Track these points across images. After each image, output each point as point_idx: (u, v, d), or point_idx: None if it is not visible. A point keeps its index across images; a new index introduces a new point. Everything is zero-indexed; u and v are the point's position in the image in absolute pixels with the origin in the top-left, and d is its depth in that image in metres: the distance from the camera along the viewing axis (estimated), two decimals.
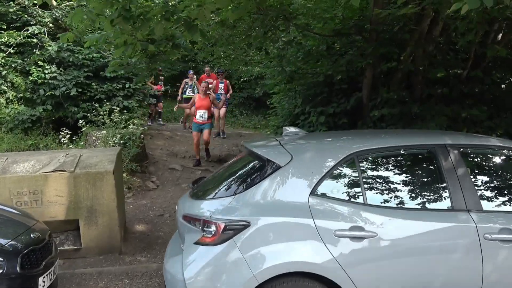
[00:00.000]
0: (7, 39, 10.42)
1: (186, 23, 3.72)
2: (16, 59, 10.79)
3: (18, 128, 10.21)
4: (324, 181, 3.27)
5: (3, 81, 10.45)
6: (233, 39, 7.29)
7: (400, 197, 3.35)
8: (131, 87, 11.12)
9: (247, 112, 20.68)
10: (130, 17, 3.84)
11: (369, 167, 3.48)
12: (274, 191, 3.24)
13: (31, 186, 5.44)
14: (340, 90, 7.73)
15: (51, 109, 10.39)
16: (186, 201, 3.72)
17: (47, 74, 10.28)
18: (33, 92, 10.49)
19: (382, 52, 6.95)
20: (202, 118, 9.88)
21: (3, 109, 10.45)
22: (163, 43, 5.40)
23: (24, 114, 10.14)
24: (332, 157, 3.37)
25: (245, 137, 13.39)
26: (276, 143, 3.69)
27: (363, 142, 3.56)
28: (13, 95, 10.58)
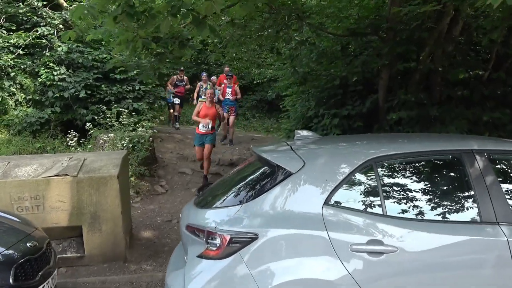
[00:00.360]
0: (16, 40, 10.28)
1: (194, 19, 3.48)
2: (26, 61, 10.67)
3: (26, 130, 10.06)
4: (339, 189, 3.00)
5: (12, 83, 10.31)
6: (244, 39, 7.03)
7: (423, 208, 3.04)
8: (141, 89, 10.92)
9: (259, 115, 20.43)
10: (134, 13, 3.61)
11: (389, 174, 3.18)
12: (284, 200, 2.97)
13: (33, 191, 5.24)
14: (355, 92, 7.43)
15: (59, 111, 10.23)
16: (191, 210, 3.46)
17: (56, 75, 10.13)
18: (42, 94, 10.35)
19: (399, 51, 6.65)
20: (206, 128, 8.81)
21: (11, 111, 10.32)
22: (170, 41, 5.16)
23: (32, 117, 9.99)
24: (348, 163, 3.09)
25: (257, 140, 13.14)
26: (287, 147, 3.42)
27: (381, 147, 3.28)
28: (22, 97, 10.43)
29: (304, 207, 2.94)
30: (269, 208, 2.96)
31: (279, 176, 3.09)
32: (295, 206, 2.95)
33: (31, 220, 5.16)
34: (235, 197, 3.25)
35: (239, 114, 20.25)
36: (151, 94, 11.41)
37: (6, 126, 10.31)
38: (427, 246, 2.87)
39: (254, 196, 3.06)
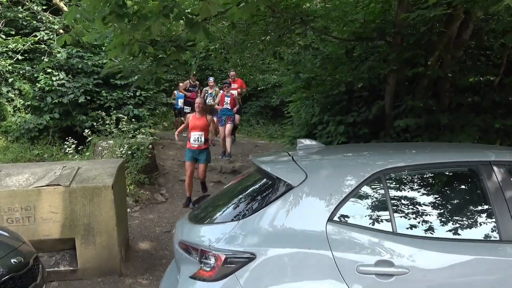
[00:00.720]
0: (14, 45, 10.09)
1: (187, 21, 3.25)
2: (25, 66, 10.47)
3: (24, 137, 9.85)
4: (344, 204, 2.74)
5: (10, 89, 10.12)
6: (247, 44, 6.79)
7: (436, 224, 2.78)
8: (142, 95, 10.71)
9: (264, 121, 20.19)
10: (124, 14, 3.38)
11: (398, 188, 2.92)
12: (284, 216, 2.72)
13: (23, 201, 5.01)
14: (360, 98, 7.18)
15: (58, 117, 10.02)
16: (184, 225, 3.21)
17: (55, 81, 9.93)
18: (41, 100, 10.14)
19: (406, 57, 6.39)
20: (198, 142, 7.85)
21: (9, 117, 10.12)
22: (167, 45, 4.94)
23: (30, 123, 9.78)
24: (354, 176, 2.84)
25: (260, 147, 12.88)
26: (288, 158, 3.16)
27: (390, 158, 3.02)
28: (20, 103, 10.24)
29: (306, 224, 2.69)
30: (268, 225, 2.71)
31: (279, 190, 2.84)
32: (296, 223, 2.70)
33: (22, 232, 4.95)
34: (232, 212, 3.00)
35: (243, 120, 20.03)
36: (152, 100, 11.21)
37: (4, 132, 10.11)
38: (442, 267, 2.61)
39: (252, 211, 2.82)
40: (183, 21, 3.32)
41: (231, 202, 3.15)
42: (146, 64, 5.29)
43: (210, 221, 3.02)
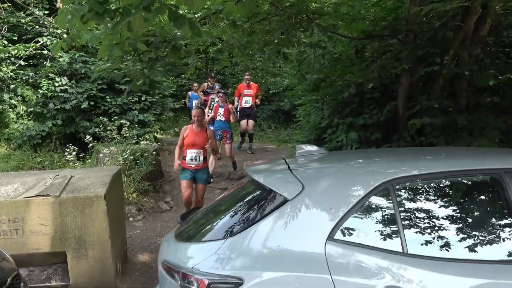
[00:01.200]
0: (16, 51, 9.88)
1: (171, 13, 2.92)
2: (28, 72, 10.25)
3: (26, 144, 9.62)
4: (346, 220, 2.38)
5: (13, 95, 9.90)
6: (251, 45, 6.44)
7: (454, 243, 2.40)
8: (147, 100, 10.43)
9: (275, 126, 19.80)
10: (105, 12, 3.06)
11: (410, 200, 2.54)
12: (277, 234, 2.37)
13: (11, 213, 4.72)
14: (372, 99, 6.78)
15: (61, 124, 9.77)
16: (170, 243, 2.88)
17: (57, 87, 9.68)
18: (44, 106, 9.91)
19: (420, 55, 5.99)
20: (196, 162, 6.53)
21: (12, 124, 9.90)
22: (162, 45, 4.62)
23: (33, 130, 9.55)
24: (359, 186, 2.48)
25: (271, 152, 12.51)
26: (284, 167, 2.80)
27: (400, 166, 2.65)
28: (23, 110, 10.02)
29: (302, 243, 2.34)
30: (258, 244, 2.36)
31: (272, 203, 2.49)
32: (290, 242, 2.35)
33: (10, 245, 4.73)
34: (221, 229, 2.65)
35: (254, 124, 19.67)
36: (158, 105, 10.90)
37: (7, 140, 9.89)
38: None
39: (241, 228, 2.47)
40: (166, 15, 2.99)
41: (221, 217, 2.80)
42: (139, 67, 4.97)
43: (196, 239, 2.68)
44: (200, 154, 6.55)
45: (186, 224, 3.02)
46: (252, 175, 2.77)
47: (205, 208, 3.25)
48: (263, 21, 6.02)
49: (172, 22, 2.97)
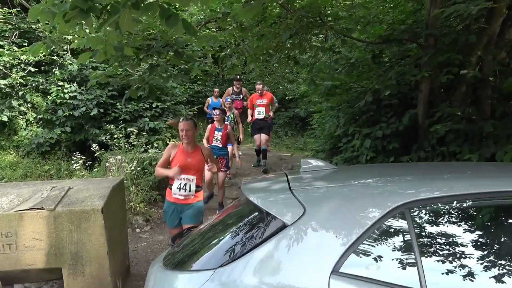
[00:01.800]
0: (26, 57, 9.73)
1: (162, 11, 2.62)
2: (38, 78, 10.10)
3: (35, 152, 9.45)
4: (355, 250, 2.04)
5: (22, 102, 9.75)
6: (261, 49, 6.13)
7: (482, 280, 2.03)
8: (158, 106, 10.19)
9: (292, 133, 19.46)
10: (89, 9, 2.78)
11: (430, 228, 2.18)
12: (273, 266, 2.04)
13: (4, 227, 4.46)
14: (389, 107, 6.41)
15: (70, 131, 9.58)
16: (157, 270, 2.56)
17: (66, 93, 9.50)
18: (53, 113, 9.73)
19: (441, 60, 5.61)
20: (185, 192, 4.99)
21: (21, 131, 9.74)
22: (164, 50, 4.34)
23: (41, 137, 9.37)
24: (370, 210, 2.13)
25: (285, 160, 12.15)
26: (284, 186, 2.46)
27: (418, 186, 2.29)
28: (32, 116, 9.86)
29: (302, 278, 2.00)
30: (249, 277, 2.03)
31: (269, 229, 2.16)
32: (288, 276, 2.01)
33: (3, 261, 4.50)
34: (211, 256, 2.32)
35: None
36: (170, 112, 10.66)
37: (16, 147, 9.74)
38: None
39: (233, 257, 2.14)
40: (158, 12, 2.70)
41: (213, 242, 2.48)
42: (139, 72, 4.70)
43: (184, 267, 2.36)
44: (192, 183, 5.01)
45: (177, 248, 2.71)
46: (248, 195, 2.44)
47: (201, 228, 2.92)
48: (273, 25, 5.73)
49: None
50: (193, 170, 4.97)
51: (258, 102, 10.30)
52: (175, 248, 2.72)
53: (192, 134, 5.00)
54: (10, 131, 9.88)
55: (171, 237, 3.01)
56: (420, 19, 6.44)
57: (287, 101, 19.71)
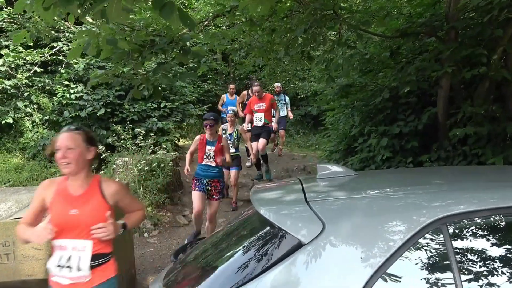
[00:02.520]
0: (32, 57, 9.52)
1: (156, 0, 2.34)
2: (45, 79, 9.89)
3: (41, 154, 9.24)
4: (383, 274, 1.74)
5: (28, 103, 9.54)
6: (271, 45, 5.84)
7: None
8: (167, 106, 9.93)
9: (304, 131, 19.15)
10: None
11: (472, 246, 1.87)
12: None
13: (1, 236, 4.20)
14: (407, 105, 6.08)
15: None
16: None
17: (72, 94, 9.28)
18: (60, 114, 9.52)
19: (464, 55, 5.27)
20: None
21: (27, 133, 9.54)
22: (168, 47, 4.06)
23: (47, 139, 9.16)
24: (400, 227, 1.83)
25: (298, 160, 11.84)
26: (298, 196, 2.15)
27: (458, 196, 1.98)
28: (39, 118, 9.65)
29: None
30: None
31: (282, 248, 1.87)
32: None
33: (1, 271, 4.23)
34: (213, 281, 2.02)
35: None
36: (179, 112, 10.39)
37: (22, 149, 9.54)
38: None
39: (241, 282, 1.85)
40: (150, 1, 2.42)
41: (219, 261, 2.18)
42: (142, 71, 4.45)
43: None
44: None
45: (179, 265, 2.42)
46: (258, 207, 2.14)
47: (205, 242, 2.62)
48: (285, 19, 5.43)
49: None
50: None
51: (257, 107, 8.87)
52: (178, 265, 2.43)
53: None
54: (16, 133, 9.69)
55: (174, 251, 2.71)
56: (438, 12, 6.11)
57: (299, 99, 19.39)
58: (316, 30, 4.85)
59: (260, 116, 8.82)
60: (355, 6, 5.93)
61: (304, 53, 5.42)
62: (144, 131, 8.51)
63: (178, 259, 2.54)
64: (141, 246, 6.62)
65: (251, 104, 8.98)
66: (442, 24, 5.73)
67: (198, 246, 2.57)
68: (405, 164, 5.65)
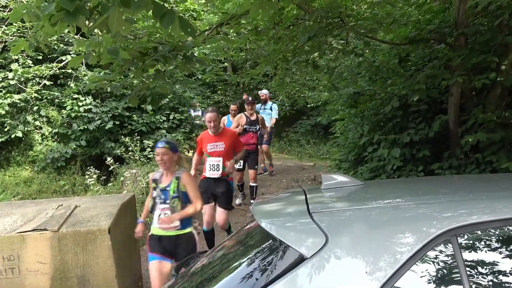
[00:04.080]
0: (40, 71, 9.56)
1: (156, 8, 2.29)
2: (54, 92, 9.92)
3: (50, 167, 9.25)
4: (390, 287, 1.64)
5: (37, 116, 9.58)
6: (277, 53, 5.77)
7: None
8: (175, 118, 9.91)
9: (314, 141, 19.04)
10: (77, 10, 2.46)
11: (484, 260, 1.77)
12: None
13: (5, 250, 4.19)
14: (417, 113, 5.97)
15: (85, 145, 9.35)
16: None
17: (81, 106, 9.30)
18: (69, 127, 9.54)
19: (475, 62, 5.16)
20: None
21: (36, 146, 9.56)
22: (171, 55, 4.02)
23: (57, 152, 9.16)
24: (408, 239, 1.74)
25: (308, 170, 11.72)
26: (301, 208, 2.06)
27: (469, 207, 1.89)
28: (48, 131, 9.67)
29: None
30: None
31: (283, 262, 1.78)
32: None
33: (5, 286, 4.22)
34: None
35: (292, 140, 18.88)
36: (188, 123, 10.36)
37: (32, 162, 9.57)
38: None
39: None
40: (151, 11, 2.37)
41: (217, 277, 2.09)
42: (142, 78, 4.41)
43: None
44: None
45: (180, 280, 2.34)
46: (259, 220, 2.06)
47: (204, 258, 2.53)
48: (291, 28, 5.38)
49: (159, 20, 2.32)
50: None
51: (210, 149, 5.71)
52: (179, 280, 2.35)
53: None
54: (25, 146, 9.73)
55: (175, 266, 2.64)
56: (447, 18, 6.02)
57: (309, 109, 19.33)
58: (322, 38, 4.78)
59: (215, 162, 5.65)
60: (362, 13, 5.84)
61: (309, 62, 5.34)
62: (152, 143, 8.48)
63: (179, 273, 2.47)
64: None
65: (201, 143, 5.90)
66: (452, 31, 5.64)
67: (199, 260, 2.49)
68: (416, 173, 5.54)
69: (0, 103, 9.12)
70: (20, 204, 5.05)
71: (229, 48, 5.38)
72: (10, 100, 9.20)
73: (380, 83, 6.71)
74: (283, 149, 18.01)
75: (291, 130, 19.59)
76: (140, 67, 4.03)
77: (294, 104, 18.85)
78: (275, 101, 19.09)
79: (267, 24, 4.98)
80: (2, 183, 9.04)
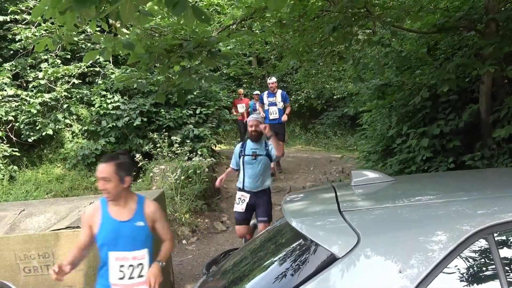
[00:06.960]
0: (68, 71, 9.70)
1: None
2: (83, 90, 10.08)
3: (81, 164, 9.41)
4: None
5: (67, 114, 9.74)
6: (303, 46, 5.72)
7: None
8: (202, 112, 9.94)
9: (341, 132, 18.88)
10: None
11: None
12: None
13: (40, 247, 4.26)
14: (447, 103, 5.85)
15: (114, 141, 9.46)
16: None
17: (109, 103, 9.41)
18: (98, 124, 9.68)
19: (507, 51, 5.01)
20: None
21: (67, 143, 9.74)
22: (196, 51, 4.02)
23: (87, 149, 9.31)
24: (443, 238, 1.70)
25: (335, 162, 11.64)
26: (331, 206, 2.04)
27: (505, 203, 1.83)
28: (78, 128, 9.84)
29: None
30: None
31: (315, 262, 1.76)
32: None
33: (41, 282, 4.30)
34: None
35: (319, 132, 18.74)
36: (215, 118, 10.38)
37: (63, 160, 9.75)
38: None
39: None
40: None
41: (251, 274, 2.09)
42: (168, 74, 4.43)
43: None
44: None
45: (212, 278, 2.35)
46: (289, 219, 2.04)
47: (235, 256, 2.53)
48: (316, 20, 5.32)
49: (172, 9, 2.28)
50: None
51: None
52: (210, 278, 2.36)
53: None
54: (56, 144, 9.92)
55: (206, 264, 2.65)
56: (477, 4, 5.86)
57: (335, 100, 19.15)
58: (347, 29, 4.71)
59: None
60: (389, 2, 5.73)
61: (334, 54, 5.27)
62: (180, 138, 8.53)
63: (210, 271, 2.48)
64: (180, 254, 6.62)
65: None
66: (482, 17, 5.48)
67: (230, 258, 2.50)
68: (447, 165, 5.42)
69: (32, 103, 9.29)
70: (53, 202, 5.15)
71: (253, 41, 5.35)
72: (41, 100, 9.38)
73: (408, 74, 6.59)
74: (310, 141, 17.90)
75: (317, 122, 19.45)
76: (166, 64, 4.05)
77: (320, 96, 18.68)
78: (301, 92, 19.06)
79: (291, 17, 4.93)
80: (36, 180, 9.23)
